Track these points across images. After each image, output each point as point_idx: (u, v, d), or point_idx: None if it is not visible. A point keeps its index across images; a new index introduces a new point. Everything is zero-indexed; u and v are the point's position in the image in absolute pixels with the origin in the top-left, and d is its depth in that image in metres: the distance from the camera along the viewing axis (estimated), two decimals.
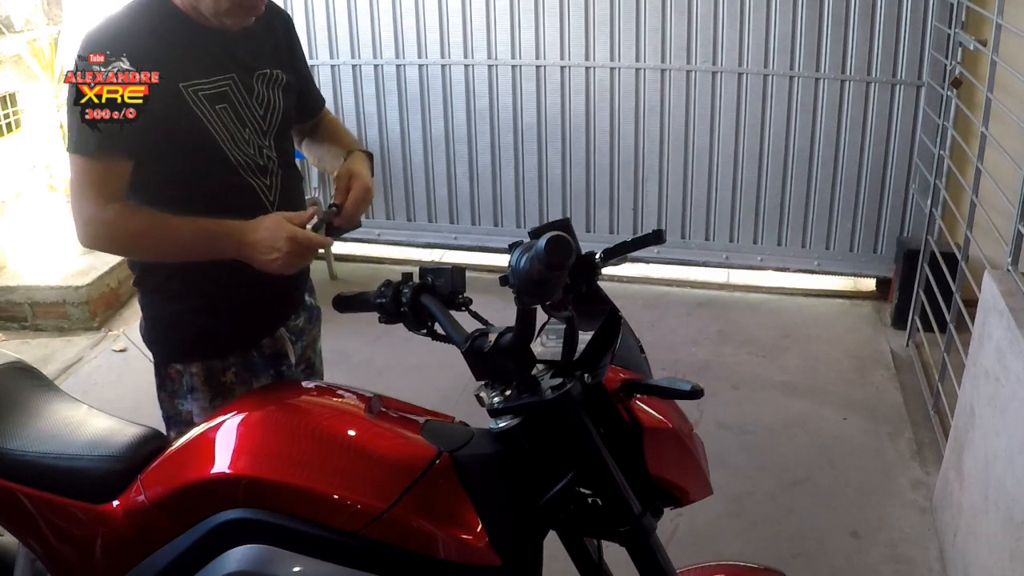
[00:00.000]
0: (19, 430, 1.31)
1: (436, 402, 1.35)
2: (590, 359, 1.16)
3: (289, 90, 1.55)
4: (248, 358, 1.56)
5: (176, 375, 1.53)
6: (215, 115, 1.41)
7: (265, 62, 1.50)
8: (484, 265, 4.01)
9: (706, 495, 1.24)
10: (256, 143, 1.48)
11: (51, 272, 3.71)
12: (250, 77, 1.46)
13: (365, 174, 1.51)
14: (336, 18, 3.95)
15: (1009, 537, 1.81)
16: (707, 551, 2.25)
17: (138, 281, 1.55)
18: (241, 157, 1.45)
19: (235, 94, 1.44)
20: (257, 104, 1.48)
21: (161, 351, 1.55)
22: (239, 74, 1.44)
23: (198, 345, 1.52)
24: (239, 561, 1.10)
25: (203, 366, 1.52)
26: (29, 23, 3.83)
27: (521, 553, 1.15)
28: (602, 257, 1.18)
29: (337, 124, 1.76)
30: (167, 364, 1.54)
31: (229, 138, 1.43)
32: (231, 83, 1.43)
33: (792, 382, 3.17)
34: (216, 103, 1.41)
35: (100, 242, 1.40)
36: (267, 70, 1.50)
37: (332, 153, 1.65)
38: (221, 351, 1.53)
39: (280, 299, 1.61)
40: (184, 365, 1.52)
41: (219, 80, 1.41)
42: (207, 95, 1.40)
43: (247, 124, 1.46)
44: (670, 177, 3.85)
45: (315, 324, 1.73)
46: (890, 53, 3.44)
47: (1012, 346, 1.91)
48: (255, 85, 1.47)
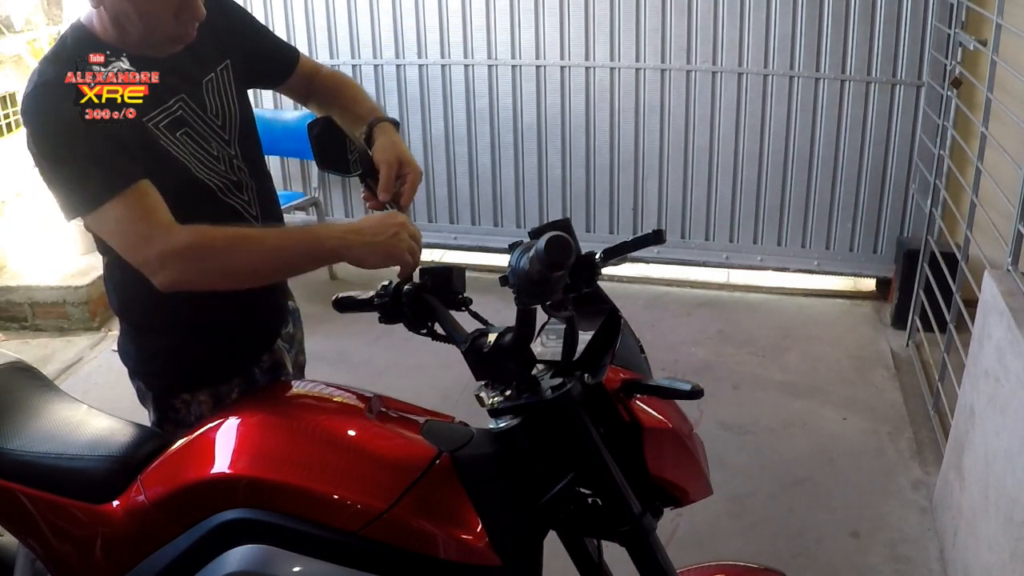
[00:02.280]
0: (19, 430, 1.31)
1: (436, 402, 1.35)
2: (590, 359, 1.17)
3: (242, 78, 1.46)
4: (250, 376, 1.52)
5: (182, 405, 1.47)
6: (180, 144, 1.34)
7: (210, 63, 1.41)
8: (484, 265, 4.01)
9: (706, 495, 1.24)
10: (225, 158, 1.41)
11: (51, 272, 3.71)
12: (199, 90, 1.38)
13: (414, 160, 1.39)
14: (336, 18, 3.94)
15: (1009, 537, 1.80)
16: (707, 551, 2.25)
17: (127, 317, 1.48)
18: (216, 180, 1.39)
19: (190, 115, 1.36)
20: (213, 117, 1.40)
21: (163, 384, 1.48)
22: (188, 91, 1.36)
23: (206, 371, 1.47)
24: (239, 561, 1.10)
25: (211, 392, 1.47)
26: (29, 23, 3.82)
27: (521, 553, 1.15)
28: (602, 257, 1.18)
29: (346, 84, 1.60)
30: (171, 396, 1.47)
31: (199, 164, 1.36)
32: (182, 104, 1.35)
33: (792, 382, 3.17)
34: (176, 130, 1.33)
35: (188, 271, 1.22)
36: (212, 73, 1.41)
37: (350, 118, 1.48)
38: (227, 374, 1.49)
39: (273, 312, 1.59)
40: (191, 394, 1.47)
41: (170, 106, 1.33)
42: (166, 125, 1.32)
43: (211, 141, 1.39)
44: (670, 177, 3.85)
45: (299, 327, 1.71)
46: (890, 53, 3.44)
47: (1012, 346, 1.91)
48: (205, 97, 1.39)
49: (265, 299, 1.54)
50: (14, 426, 1.31)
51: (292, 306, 1.68)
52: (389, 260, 1.23)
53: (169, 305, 1.37)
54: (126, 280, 1.41)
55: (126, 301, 1.47)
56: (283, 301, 1.63)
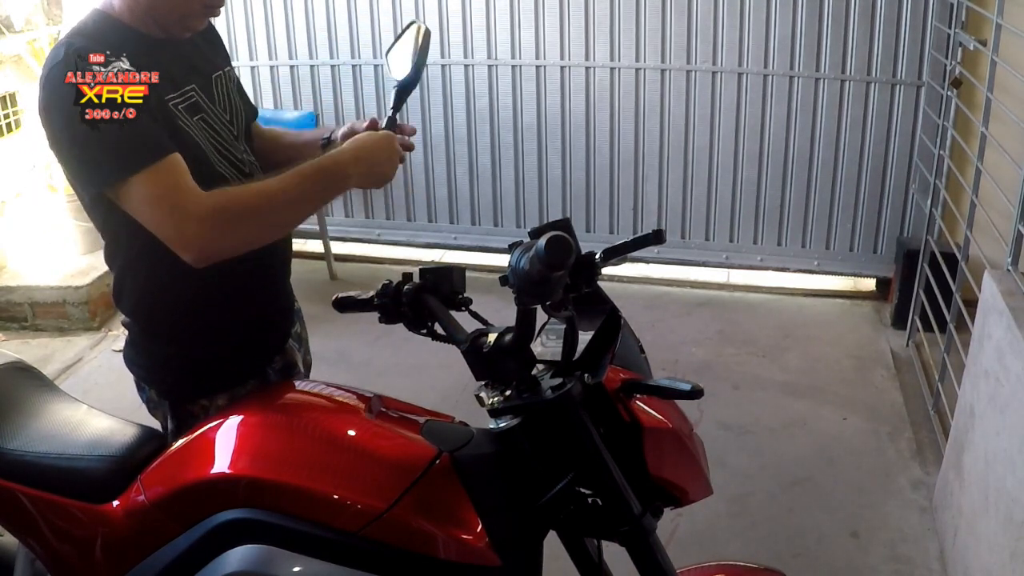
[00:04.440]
0: (19, 430, 1.31)
1: (436, 402, 1.35)
2: (590, 359, 1.16)
3: (240, 88, 1.52)
4: (265, 378, 1.52)
5: (201, 411, 1.45)
6: (196, 128, 1.35)
7: (216, 63, 1.46)
8: (484, 265, 4.01)
9: (706, 495, 1.24)
10: (236, 150, 1.44)
11: (51, 272, 3.71)
12: (209, 83, 1.41)
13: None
14: (336, 18, 3.94)
15: (1009, 537, 1.80)
16: (707, 551, 2.25)
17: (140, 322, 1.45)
18: (228, 169, 1.40)
19: (203, 103, 1.38)
20: (221, 111, 1.42)
21: (180, 390, 1.46)
22: (199, 83, 1.38)
23: (223, 375, 1.47)
24: (239, 561, 1.10)
25: (229, 396, 1.46)
26: (29, 23, 3.82)
27: (521, 553, 1.15)
28: (602, 257, 1.17)
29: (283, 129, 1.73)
30: (189, 402, 1.45)
31: (214, 150, 1.38)
32: (195, 92, 1.37)
33: (792, 382, 3.17)
34: (193, 115, 1.35)
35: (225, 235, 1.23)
36: (220, 71, 1.45)
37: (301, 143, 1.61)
38: (242, 376, 1.48)
39: (283, 312, 1.59)
40: (210, 400, 1.45)
41: (186, 91, 1.35)
42: (184, 108, 1.34)
43: (222, 132, 1.41)
44: (670, 177, 3.85)
45: (304, 325, 1.72)
46: (890, 53, 3.44)
47: (1012, 346, 1.91)
48: (214, 91, 1.42)
49: (274, 299, 1.55)
50: (14, 426, 1.31)
51: (296, 306, 1.69)
52: (386, 181, 1.36)
53: (183, 309, 1.39)
54: (138, 285, 1.41)
55: (139, 305, 1.45)
56: (291, 301, 1.63)
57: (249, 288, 1.46)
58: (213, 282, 1.33)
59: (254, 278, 1.46)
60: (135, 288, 1.42)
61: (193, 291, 1.38)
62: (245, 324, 1.48)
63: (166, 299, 1.40)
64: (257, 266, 1.42)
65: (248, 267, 1.35)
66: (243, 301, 1.44)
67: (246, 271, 1.38)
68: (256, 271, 1.45)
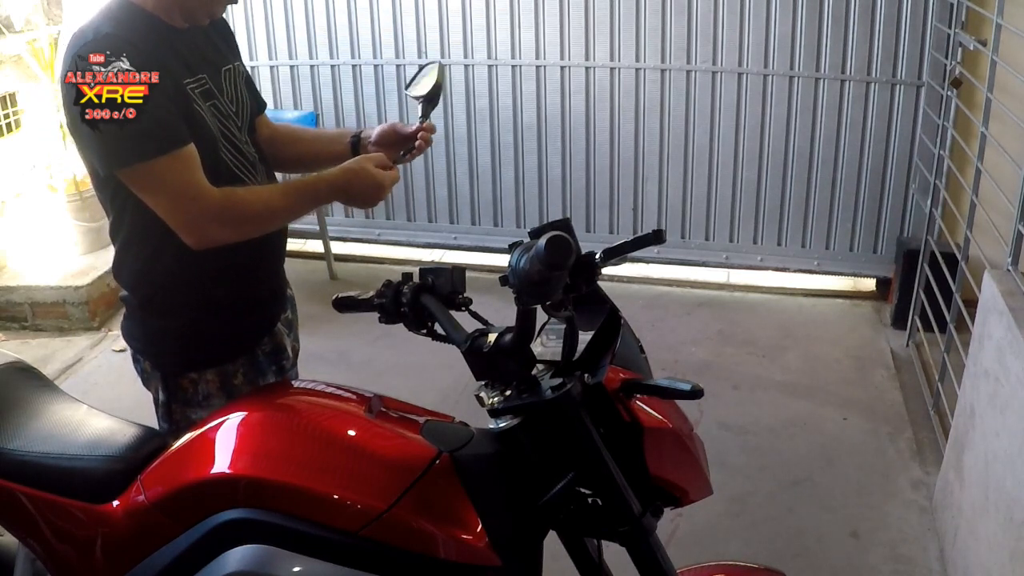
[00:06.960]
0: (19, 430, 1.31)
1: (436, 402, 1.35)
2: (590, 359, 1.16)
3: (249, 82, 1.58)
4: (254, 358, 1.56)
5: (190, 384, 1.51)
6: (209, 115, 1.41)
7: (227, 57, 1.52)
8: (484, 265, 4.01)
9: (706, 495, 1.24)
10: (241, 141, 1.49)
11: (51, 272, 3.71)
12: (218, 75, 1.46)
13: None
14: (336, 18, 3.94)
15: (1009, 537, 1.81)
16: (707, 551, 2.25)
17: (137, 294, 1.51)
18: (234, 155, 1.46)
19: (214, 92, 1.44)
20: (229, 102, 1.48)
21: (172, 362, 1.52)
22: (209, 73, 1.44)
23: (213, 351, 1.51)
24: (239, 561, 1.09)
25: (218, 372, 1.51)
26: (29, 23, 3.82)
27: (521, 553, 1.15)
28: (602, 257, 1.17)
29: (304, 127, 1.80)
30: (179, 375, 1.51)
31: (223, 136, 1.44)
32: (207, 82, 1.42)
33: (792, 382, 3.17)
34: (206, 101, 1.41)
35: (226, 231, 1.37)
36: (230, 65, 1.51)
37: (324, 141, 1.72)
38: (233, 354, 1.53)
39: (274, 295, 1.63)
40: (199, 373, 1.50)
41: (200, 79, 1.41)
42: (199, 93, 1.39)
43: (230, 122, 1.47)
44: (670, 177, 3.85)
45: (295, 313, 1.76)
46: (890, 53, 3.44)
47: (1012, 346, 1.91)
48: (223, 83, 1.47)
49: (267, 280, 1.60)
50: (14, 426, 1.31)
51: (289, 293, 1.72)
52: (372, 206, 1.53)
53: (178, 284, 1.46)
54: (137, 260, 1.47)
55: (138, 279, 1.50)
56: (283, 285, 1.68)
57: (243, 268, 1.51)
58: (208, 261, 1.40)
59: (249, 259, 1.51)
60: (134, 262, 1.48)
61: (189, 268, 1.44)
62: (236, 302, 1.52)
63: (163, 274, 1.47)
64: (252, 248, 1.46)
65: (243, 248, 1.42)
66: (236, 280, 1.50)
67: (241, 252, 1.43)
68: (251, 253, 1.49)
